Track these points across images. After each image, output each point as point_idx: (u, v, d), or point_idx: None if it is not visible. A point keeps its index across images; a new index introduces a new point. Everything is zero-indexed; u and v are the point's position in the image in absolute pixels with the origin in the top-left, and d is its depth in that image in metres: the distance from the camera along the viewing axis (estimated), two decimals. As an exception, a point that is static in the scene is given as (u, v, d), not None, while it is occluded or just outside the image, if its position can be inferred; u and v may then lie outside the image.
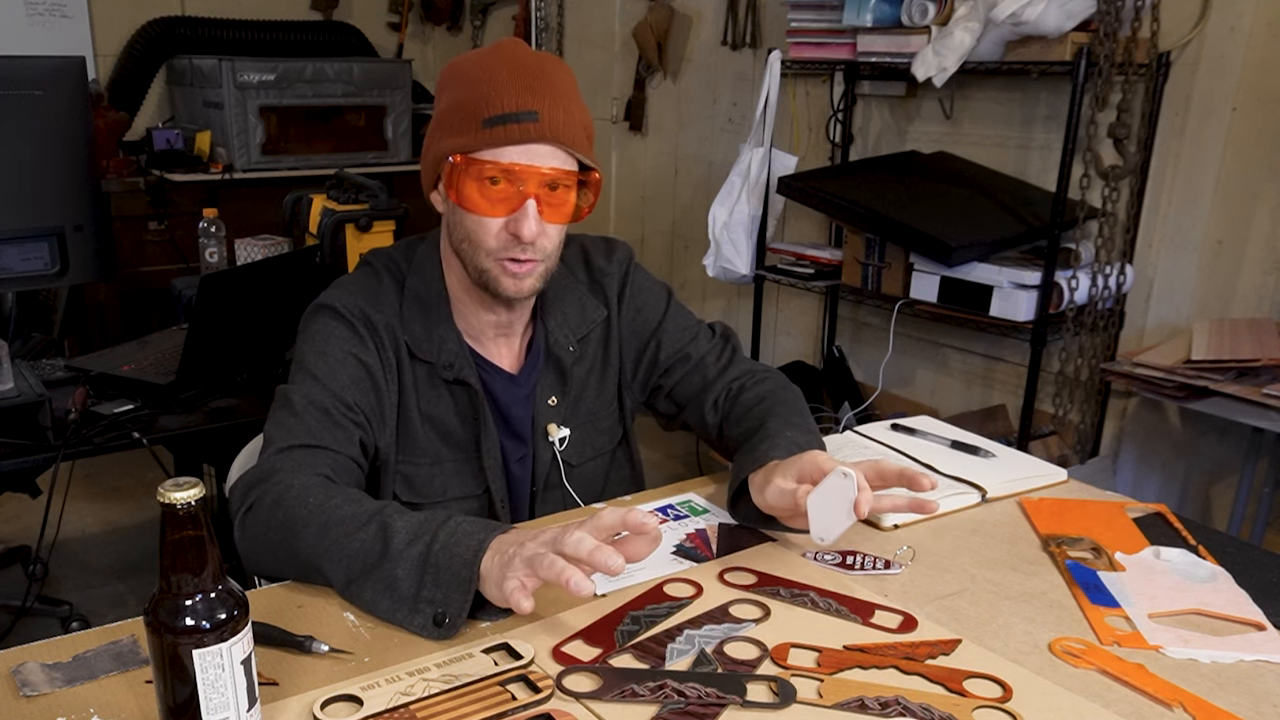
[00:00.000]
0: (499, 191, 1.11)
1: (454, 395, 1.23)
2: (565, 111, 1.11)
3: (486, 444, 1.23)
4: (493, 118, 1.09)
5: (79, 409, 1.75)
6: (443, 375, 1.21)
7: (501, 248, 1.13)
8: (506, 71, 1.11)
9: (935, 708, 0.84)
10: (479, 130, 1.10)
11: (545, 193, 1.12)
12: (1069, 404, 2.56)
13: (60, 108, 1.73)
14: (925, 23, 2.52)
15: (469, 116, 1.11)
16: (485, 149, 1.10)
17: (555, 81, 1.13)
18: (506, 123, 1.09)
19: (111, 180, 3.68)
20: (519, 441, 1.28)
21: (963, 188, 2.66)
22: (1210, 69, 2.32)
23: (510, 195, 1.11)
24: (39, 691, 0.84)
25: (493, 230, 1.13)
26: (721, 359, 1.34)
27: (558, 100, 1.11)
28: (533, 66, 1.12)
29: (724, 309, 3.78)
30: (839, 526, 1.01)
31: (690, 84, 3.77)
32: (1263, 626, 0.98)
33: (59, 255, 1.77)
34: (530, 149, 1.10)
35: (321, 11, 4.84)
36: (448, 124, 1.14)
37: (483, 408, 1.22)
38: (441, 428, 1.23)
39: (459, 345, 1.22)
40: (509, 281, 1.15)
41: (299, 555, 1.01)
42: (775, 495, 1.07)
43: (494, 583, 0.91)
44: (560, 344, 1.27)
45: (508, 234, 1.12)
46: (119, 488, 3.17)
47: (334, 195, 2.55)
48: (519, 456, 1.28)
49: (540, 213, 1.12)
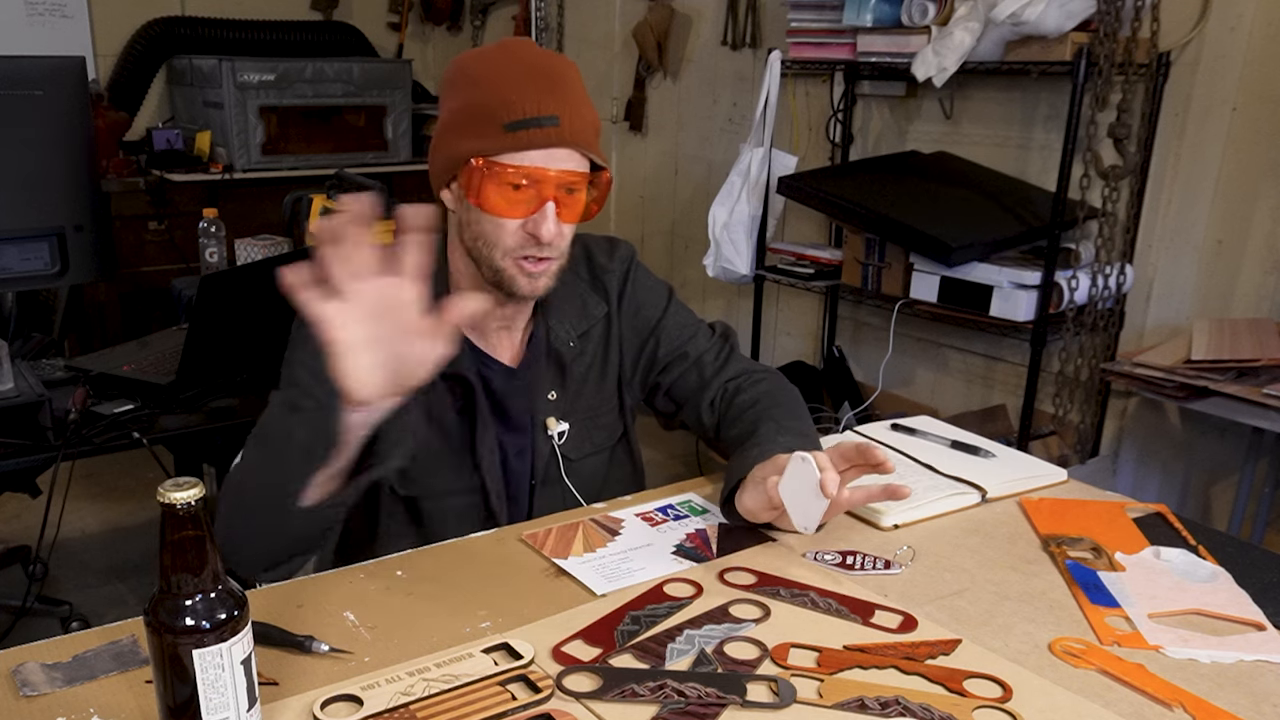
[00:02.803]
0: (519, 194, 1.12)
1: (450, 390, 1.23)
2: (581, 114, 1.13)
3: (482, 438, 1.23)
4: (515, 122, 1.10)
5: (79, 409, 1.75)
6: (440, 369, 1.21)
7: (519, 247, 1.14)
8: (523, 73, 1.12)
9: (935, 708, 0.84)
10: (501, 134, 1.10)
11: (562, 194, 1.13)
12: (1069, 404, 2.56)
13: (60, 108, 1.73)
14: (925, 23, 2.52)
15: (488, 119, 1.11)
16: (507, 153, 1.11)
17: (571, 83, 1.14)
18: (529, 127, 1.10)
19: (111, 180, 3.68)
20: (518, 435, 1.28)
21: (963, 188, 2.66)
22: (1210, 69, 2.32)
23: (530, 198, 1.12)
24: (39, 691, 0.84)
25: (510, 230, 1.14)
26: (719, 358, 1.34)
27: (575, 103, 1.13)
28: (547, 68, 1.13)
29: (724, 309, 3.78)
30: (815, 511, 1.03)
31: (690, 84, 3.77)
32: (1263, 626, 0.98)
33: (59, 255, 1.77)
34: (551, 153, 1.11)
35: (321, 11, 4.84)
36: (463, 125, 1.14)
37: (479, 402, 1.22)
38: (437, 422, 1.23)
39: (458, 340, 1.22)
40: (525, 281, 1.17)
41: (254, 503, 1.00)
42: (750, 497, 1.10)
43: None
44: (561, 339, 1.28)
45: (525, 234, 1.13)
46: (119, 488, 3.17)
47: (334, 195, 2.55)
48: (518, 450, 1.28)
49: (557, 213, 1.13)
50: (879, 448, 1.07)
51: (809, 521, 1.04)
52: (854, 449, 1.08)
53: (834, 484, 1.00)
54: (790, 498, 1.04)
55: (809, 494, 1.02)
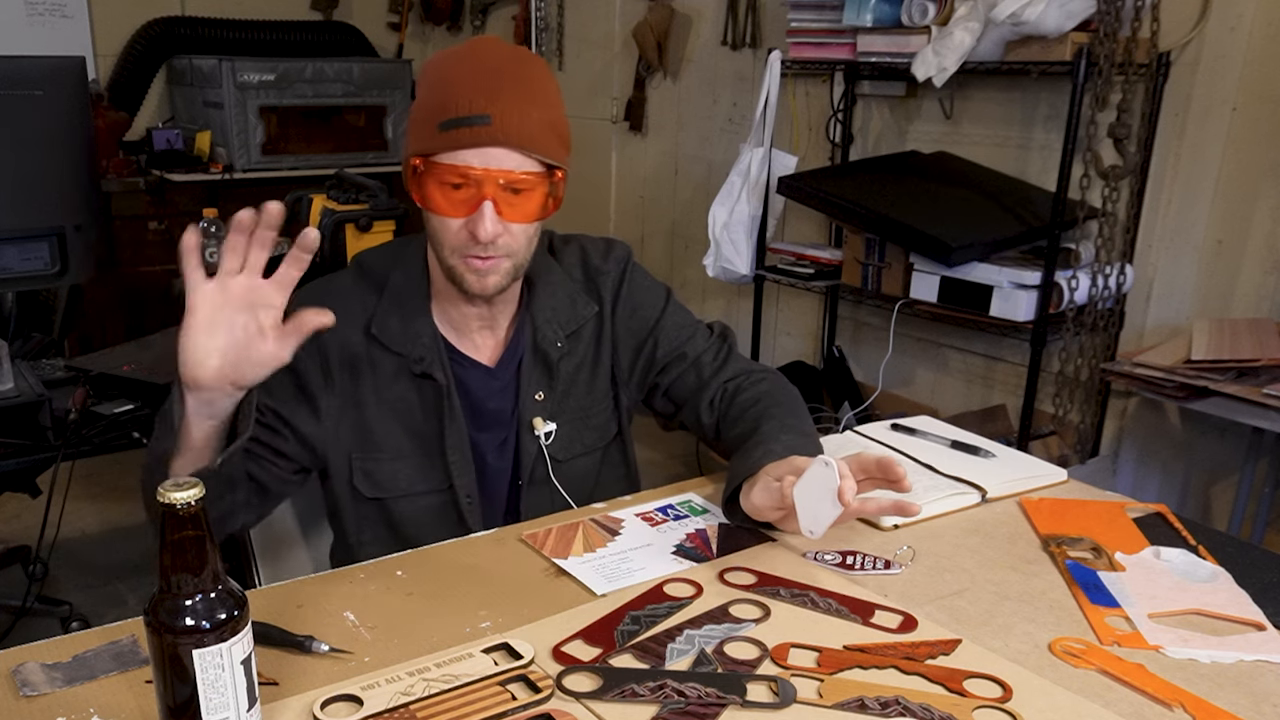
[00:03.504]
0: (458, 194, 1.12)
1: (420, 389, 1.23)
2: (521, 113, 1.11)
3: (452, 439, 1.23)
4: (446, 121, 1.10)
5: (79, 409, 1.75)
6: (413, 369, 1.22)
7: (461, 245, 1.15)
8: (467, 73, 1.12)
9: (935, 708, 0.84)
10: (436, 134, 1.11)
11: (504, 194, 1.12)
12: (1069, 404, 2.56)
13: (60, 108, 1.73)
14: (925, 23, 2.52)
15: (428, 120, 1.12)
16: (442, 152, 1.11)
17: (515, 82, 1.12)
18: (459, 126, 1.10)
19: (111, 180, 3.69)
20: (495, 434, 1.28)
21: (963, 188, 2.66)
22: (1210, 69, 2.32)
23: (469, 197, 1.12)
24: (39, 691, 0.84)
25: (453, 229, 1.14)
26: (718, 358, 1.34)
27: (514, 102, 1.10)
28: (494, 67, 1.12)
29: (724, 309, 3.78)
30: (826, 517, 1.01)
31: (690, 84, 3.77)
32: (1263, 626, 0.98)
33: (59, 255, 1.77)
34: (485, 152, 1.10)
35: (321, 11, 4.84)
36: (413, 126, 1.16)
37: (448, 402, 1.22)
38: (405, 422, 1.23)
39: (432, 339, 1.23)
40: (473, 278, 1.17)
41: (148, 471, 1.07)
42: (761, 494, 1.08)
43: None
44: (547, 339, 1.27)
45: (466, 233, 1.13)
46: (119, 488, 3.17)
47: (334, 195, 2.55)
48: (496, 450, 1.28)
49: (500, 213, 1.12)
50: (901, 463, 1.06)
51: (817, 526, 1.03)
52: (874, 462, 1.07)
53: (851, 493, 0.99)
54: (803, 500, 1.03)
55: (823, 499, 1.01)
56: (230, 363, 0.96)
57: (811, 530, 1.03)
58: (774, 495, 1.06)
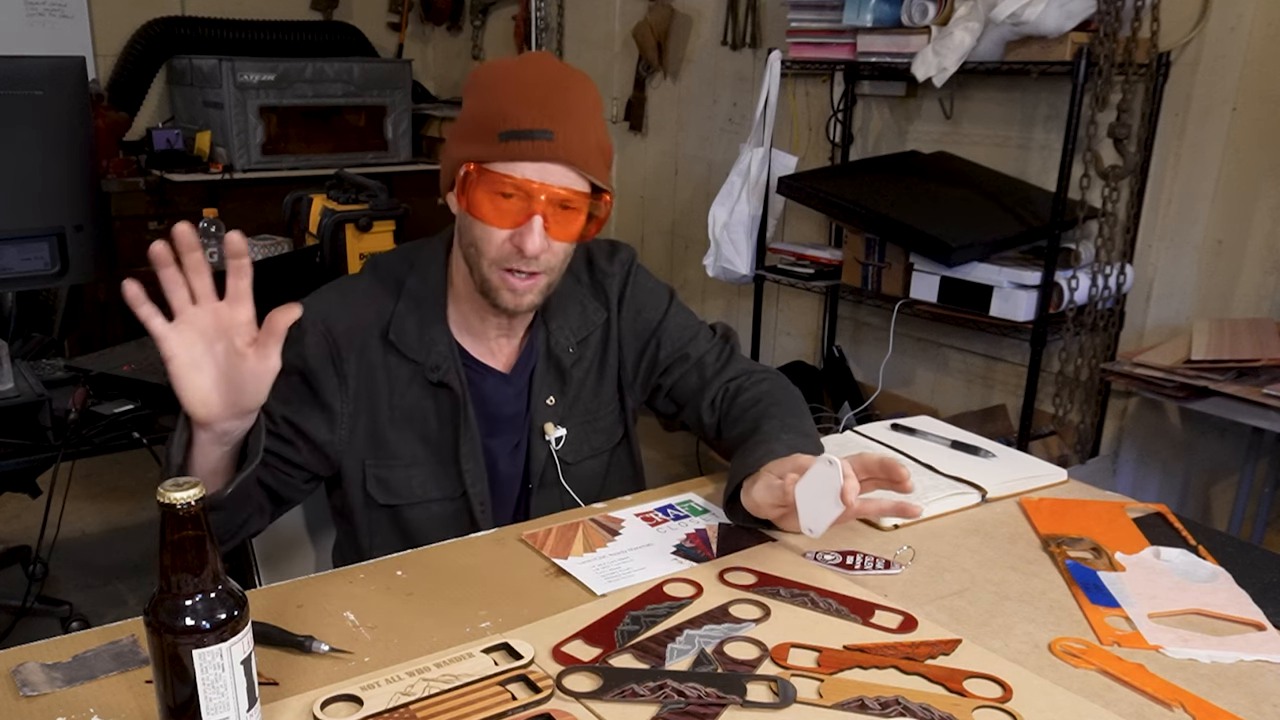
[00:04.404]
0: (509, 205, 1.12)
1: (435, 397, 1.23)
2: (581, 132, 1.12)
3: (466, 447, 1.23)
4: (508, 132, 1.10)
5: (79, 409, 1.75)
6: (429, 376, 1.21)
7: (504, 258, 1.14)
8: (528, 87, 1.12)
9: (935, 708, 0.84)
10: (494, 143, 1.11)
11: (554, 210, 1.13)
12: (1069, 404, 2.56)
13: (60, 108, 1.73)
14: (925, 23, 2.52)
15: (486, 128, 1.12)
16: (499, 162, 1.11)
17: (575, 101, 1.13)
18: (521, 139, 1.10)
19: (111, 180, 3.69)
20: (508, 439, 1.28)
21: (963, 188, 2.66)
22: (1210, 69, 2.32)
23: (519, 209, 1.12)
24: (39, 691, 0.84)
25: (497, 240, 1.14)
26: (720, 359, 1.34)
27: (574, 121, 1.12)
28: (554, 83, 1.13)
29: (724, 309, 3.78)
30: (827, 516, 1.01)
31: (690, 84, 3.77)
32: (1263, 626, 0.98)
33: (59, 255, 1.77)
34: (543, 167, 1.11)
35: (321, 11, 4.84)
36: (466, 132, 1.15)
37: (463, 411, 1.22)
38: (420, 430, 1.23)
39: (448, 347, 1.23)
40: (509, 295, 1.17)
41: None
42: (763, 491, 1.08)
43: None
44: (561, 345, 1.28)
45: (511, 246, 1.13)
46: (119, 488, 3.17)
47: (334, 195, 2.56)
48: (508, 454, 1.28)
49: (547, 229, 1.13)
50: (904, 465, 1.06)
51: (818, 525, 1.03)
52: (877, 463, 1.07)
53: (854, 493, 1.00)
54: (805, 499, 1.03)
55: (826, 498, 1.01)
56: (228, 391, 0.95)
57: (812, 529, 1.03)
58: (775, 493, 1.07)
